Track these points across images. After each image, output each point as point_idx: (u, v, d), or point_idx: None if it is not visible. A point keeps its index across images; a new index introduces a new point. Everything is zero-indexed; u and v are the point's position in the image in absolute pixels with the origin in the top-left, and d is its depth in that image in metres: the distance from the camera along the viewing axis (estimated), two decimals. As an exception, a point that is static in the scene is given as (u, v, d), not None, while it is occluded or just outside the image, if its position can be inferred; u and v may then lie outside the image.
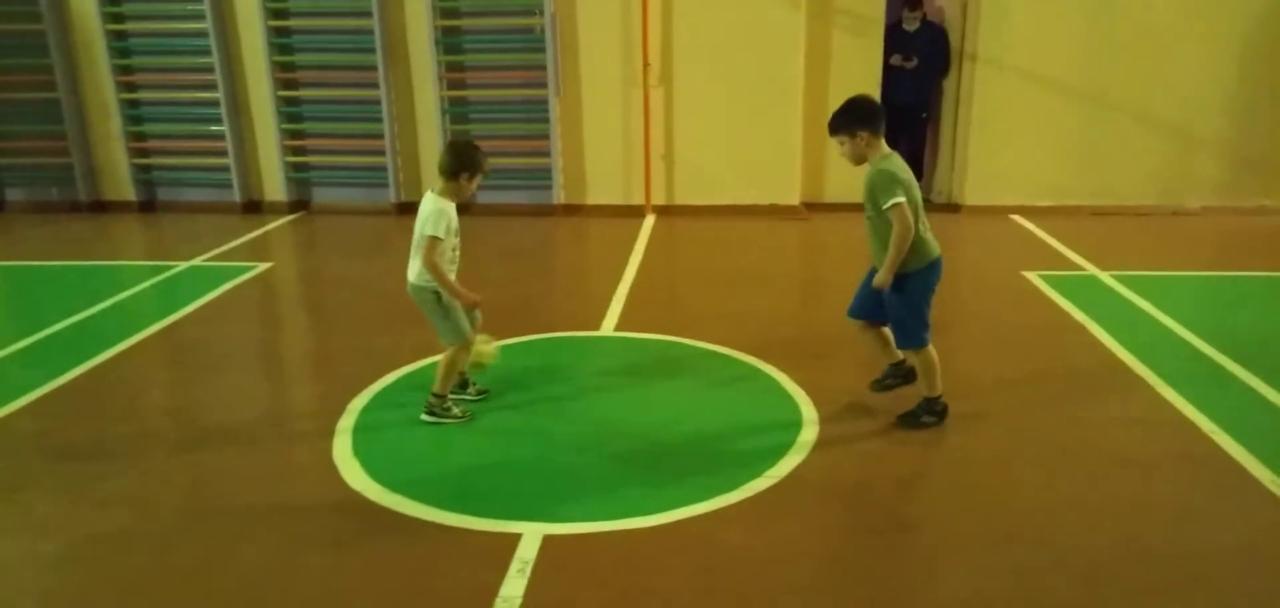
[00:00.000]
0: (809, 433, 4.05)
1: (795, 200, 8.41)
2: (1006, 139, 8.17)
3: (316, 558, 3.26)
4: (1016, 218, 8.10)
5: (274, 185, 8.76)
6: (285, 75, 8.48)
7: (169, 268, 6.89)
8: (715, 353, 5.01)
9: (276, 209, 8.75)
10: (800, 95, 8.13)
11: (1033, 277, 6.35)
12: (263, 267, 6.91)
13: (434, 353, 4.55)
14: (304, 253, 7.62)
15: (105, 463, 3.97)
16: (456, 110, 8.42)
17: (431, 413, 4.24)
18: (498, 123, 8.49)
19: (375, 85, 8.33)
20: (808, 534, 3.34)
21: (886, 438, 4.05)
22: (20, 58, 8.59)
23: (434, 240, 3.98)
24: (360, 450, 3.96)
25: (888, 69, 8.31)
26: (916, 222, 3.84)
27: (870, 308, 4.15)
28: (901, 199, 3.77)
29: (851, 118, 3.87)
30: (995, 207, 8.27)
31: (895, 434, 4.08)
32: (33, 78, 8.60)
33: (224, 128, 8.57)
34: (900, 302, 3.98)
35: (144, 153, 8.82)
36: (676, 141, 8.34)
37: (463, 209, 4.19)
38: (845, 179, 8.14)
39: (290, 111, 8.58)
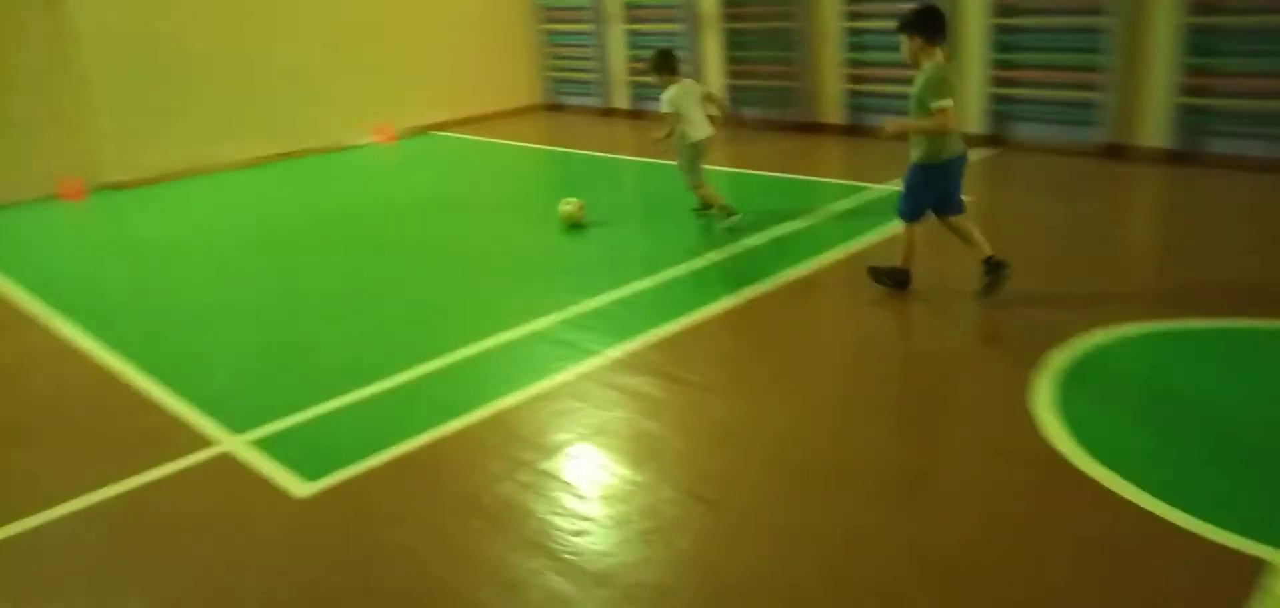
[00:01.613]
0: None
1: None
2: None
3: (1019, 508, 3.14)
4: None
5: (972, 117, 8.60)
6: (1006, 1, 8.16)
7: (863, 189, 7.29)
8: None
9: (971, 141, 8.58)
10: None
11: None
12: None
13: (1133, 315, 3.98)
14: (1000, 188, 7.37)
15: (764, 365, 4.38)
16: (1201, 39, 7.11)
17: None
18: (1255, 57, 6.99)
19: (1099, 11, 7.54)
20: None
21: None
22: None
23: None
24: (1063, 406, 3.66)
25: None
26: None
27: (943, 202, 4.70)
28: (948, 103, 4.36)
29: (916, 22, 4.47)
30: None
31: None
32: (774, 9, 9.80)
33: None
34: (911, 177, 4.68)
35: (856, 80, 9.44)
36: None
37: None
38: None
39: (1003, 41, 8.28)
